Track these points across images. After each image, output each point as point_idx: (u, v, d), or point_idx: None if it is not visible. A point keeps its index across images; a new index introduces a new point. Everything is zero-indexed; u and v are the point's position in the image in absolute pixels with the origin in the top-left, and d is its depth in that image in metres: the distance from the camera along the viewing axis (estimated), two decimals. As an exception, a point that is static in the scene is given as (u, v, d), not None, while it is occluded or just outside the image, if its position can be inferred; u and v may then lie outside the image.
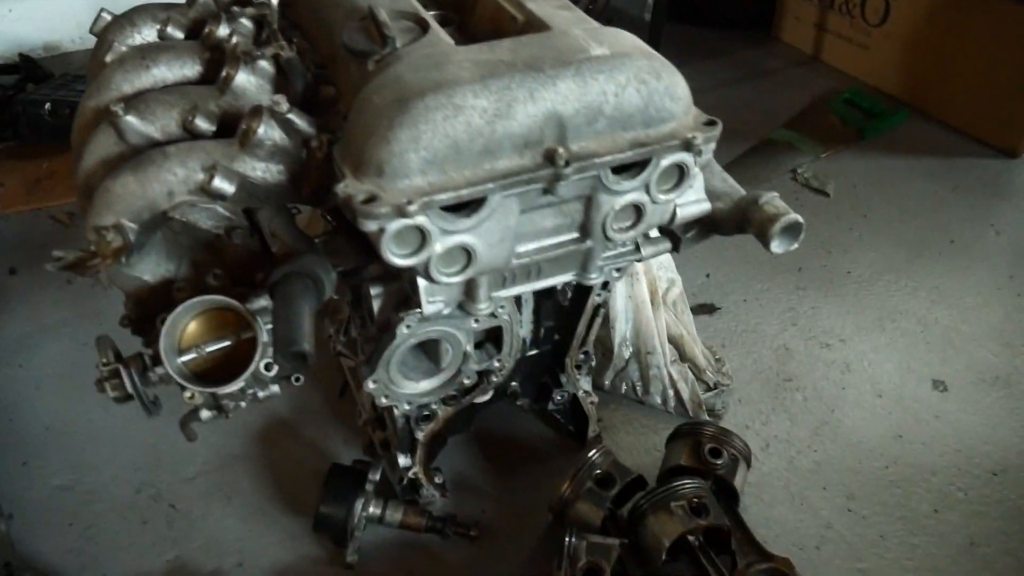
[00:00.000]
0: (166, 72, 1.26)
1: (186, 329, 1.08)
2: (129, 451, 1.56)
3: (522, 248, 1.09)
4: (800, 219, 1.11)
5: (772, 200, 1.13)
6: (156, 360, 1.05)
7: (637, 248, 1.23)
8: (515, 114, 0.95)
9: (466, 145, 0.94)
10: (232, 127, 1.16)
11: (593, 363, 1.49)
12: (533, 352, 1.43)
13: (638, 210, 1.09)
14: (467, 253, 1.02)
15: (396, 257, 0.96)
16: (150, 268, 1.15)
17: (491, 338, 1.32)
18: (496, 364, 1.33)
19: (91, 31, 1.39)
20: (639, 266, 1.68)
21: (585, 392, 1.52)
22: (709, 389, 1.68)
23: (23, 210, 2.18)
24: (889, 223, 2.20)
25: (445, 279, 1.03)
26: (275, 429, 1.61)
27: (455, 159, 0.94)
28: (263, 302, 1.10)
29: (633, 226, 1.11)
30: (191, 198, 1.05)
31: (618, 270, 1.27)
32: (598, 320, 1.40)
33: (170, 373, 1.02)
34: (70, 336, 1.80)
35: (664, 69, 1.02)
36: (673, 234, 1.24)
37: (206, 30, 1.28)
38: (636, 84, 0.99)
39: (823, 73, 2.96)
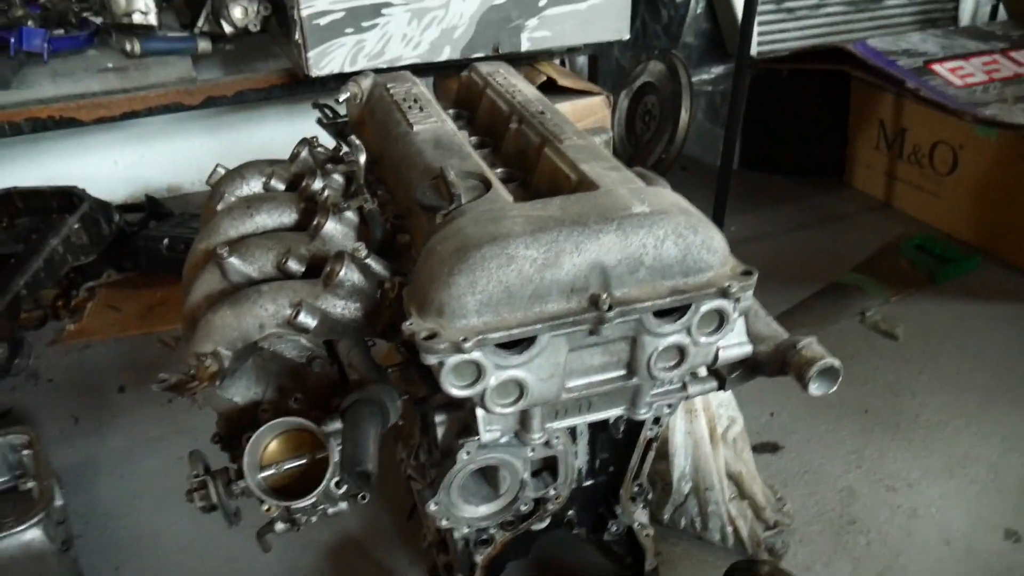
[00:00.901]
0: (266, 219, 1.45)
1: (267, 447, 1.20)
2: (213, 562, 1.67)
3: (572, 383, 1.18)
4: (836, 363, 1.17)
5: (810, 345, 1.20)
6: (239, 474, 1.17)
7: (684, 386, 1.30)
8: (562, 263, 1.06)
9: (517, 290, 1.05)
10: (320, 269, 1.32)
11: (649, 496, 1.53)
12: (589, 482, 1.49)
13: (681, 351, 1.17)
14: (519, 386, 1.12)
15: (454, 388, 1.07)
16: (240, 391, 1.29)
17: (547, 467, 1.39)
18: (552, 492, 1.40)
19: (207, 182, 1.61)
20: (698, 403, 1.74)
21: (641, 525, 1.56)
22: (769, 528, 1.69)
23: (136, 334, 2.41)
24: (960, 368, 2.20)
25: (499, 409, 1.13)
26: (346, 547, 1.70)
27: (507, 302, 1.05)
28: (337, 425, 1.22)
29: (677, 366, 1.18)
30: (279, 330, 1.19)
31: (669, 406, 1.35)
32: (651, 454, 1.45)
33: (251, 487, 1.14)
34: (167, 450, 1.96)
35: (700, 224, 1.12)
36: (719, 373, 1.31)
37: (303, 183, 1.48)
38: (674, 238, 1.10)
39: (894, 218, 3.02)
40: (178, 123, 3.09)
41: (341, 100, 1.63)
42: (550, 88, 2.46)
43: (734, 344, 1.25)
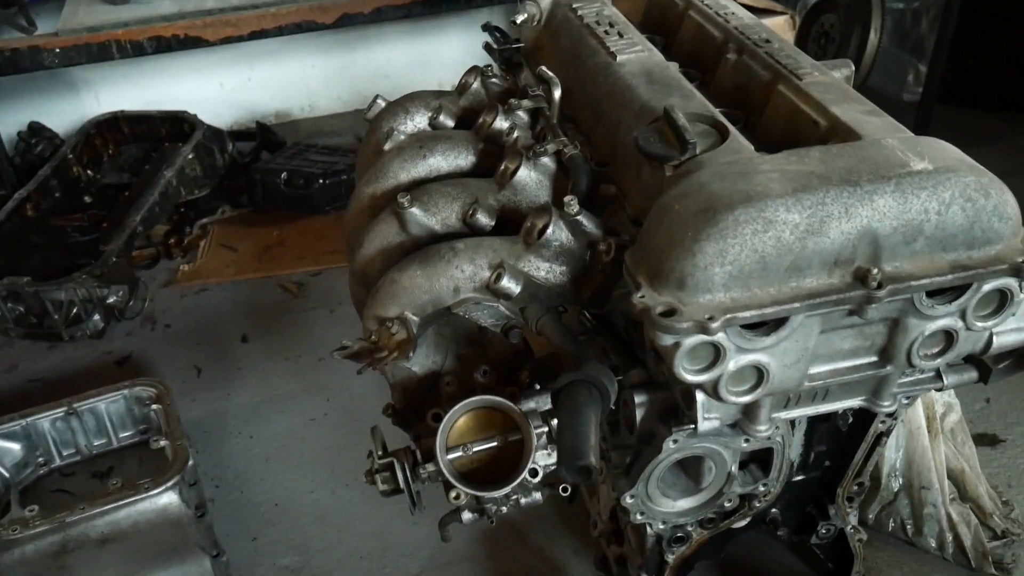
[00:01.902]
0: (441, 162, 1.41)
1: (454, 425, 1.18)
2: (356, 538, 1.69)
3: (815, 370, 1.11)
4: None
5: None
6: (426, 456, 1.15)
7: (939, 376, 1.21)
8: (828, 231, 0.98)
9: (774, 261, 0.98)
10: (510, 222, 1.27)
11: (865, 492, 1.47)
12: (800, 477, 1.42)
13: (949, 336, 1.08)
14: (759, 372, 1.05)
15: (687, 373, 1.01)
16: (419, 360, 1.26)
17: (757, 459, 1.33)
18: (761, 488, 1.34)
19: (366, 117, 1.57)
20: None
21: (854, 528, 1.49)
22: (996, 537, 1.60)
23: (254, 277, 2.43)
24: None
25: (733, 398, 1.07)
26: (502, 531, 1.68)
27: (761, 275, 0.98)
28: (532, 404, 1.18)
29: (941, 353, 1.10)
30: (476, 295, 1.15)
31: (909, 397, 1.26)
32: (879, 449, 1.38)
33: (443, 471, 1.11)
34: (297, 410, 1.98)
35: (993, 186, 1.02)
36: (983, 363, 1.22)
37: (480, 120, 1.42)
38: (962, 202, 1.00)
39: (1123, 167, 2.79)
40: (286, 43, 3.07)
41: (520, 21, 1.56)
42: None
43: (1011, 329, 1.15)
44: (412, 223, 1.26)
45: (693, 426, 1.17)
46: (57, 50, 1.98)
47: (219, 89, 3.14)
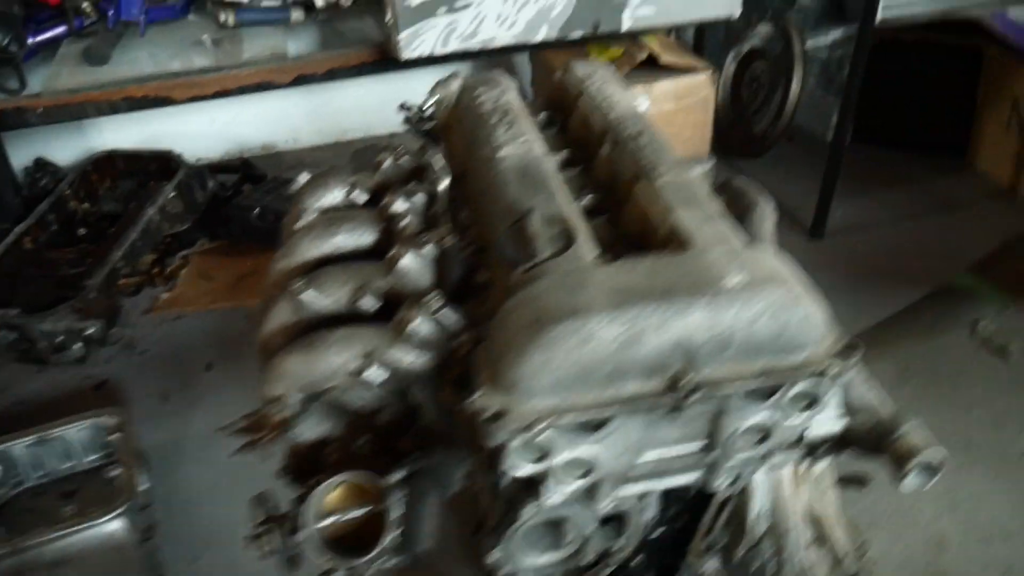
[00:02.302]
0: (346, 240, 1.39)
1: (332, 494, 1.18)
2: (283, 562, 1.69)
3: (644, 457, 1.11)
4: (941, 456, 1.06)
5: (912, 432, 1.08)
6: (299, 525, 1.15)
7: (766, 456, 1.20)
8: (644, 342, 0.97)
9: (594, 370, 0.97)
10: (394, 305, 1.27)
11: (720, 544, 1.46)
12: (659, 531, 1.42)
13: (766, 430, 1.08)
14: (588, 464, 1.05)
15: (517, 469, 1.01)
16: (309, 428, 1.26)
17: (615, 518, 1.33)
18: (617, 546, 1.34)
19: (290, 192, 1.56)
20: (785, 436, 1.64)
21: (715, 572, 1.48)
22: (851, 576, 1.59)
23: (225, 306, 2.44)
24: (1085, 398, 2.01)
25: (564, 486, 1.07)
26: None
27: (583, 382, 0.98)
28: (400, 475, 1.18)
29: (760, 443, 1.10)
30: (348, 380, 1.15)
31: (741, 475, 1.26)
32: (725, 514, 1.37)
33: (306, 544, 1.11)
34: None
35: (801, 299, 1.01)
36: (809, 444, 1.21)
37: (385, 199, 1.42)
38: (770, 314, 0.99)
39: (1020, 209, 2.75)
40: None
41: (427, 108, 1.54)
42: (652, 65, 2.31)
43: (825, 420, 1.14)
44: (305, 306, 1.26)
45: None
46: (40, 110, 1.98)
47: (211, 124, 3.14)
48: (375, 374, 1.12)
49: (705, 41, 2.46)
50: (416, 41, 1.97)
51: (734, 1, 2.11)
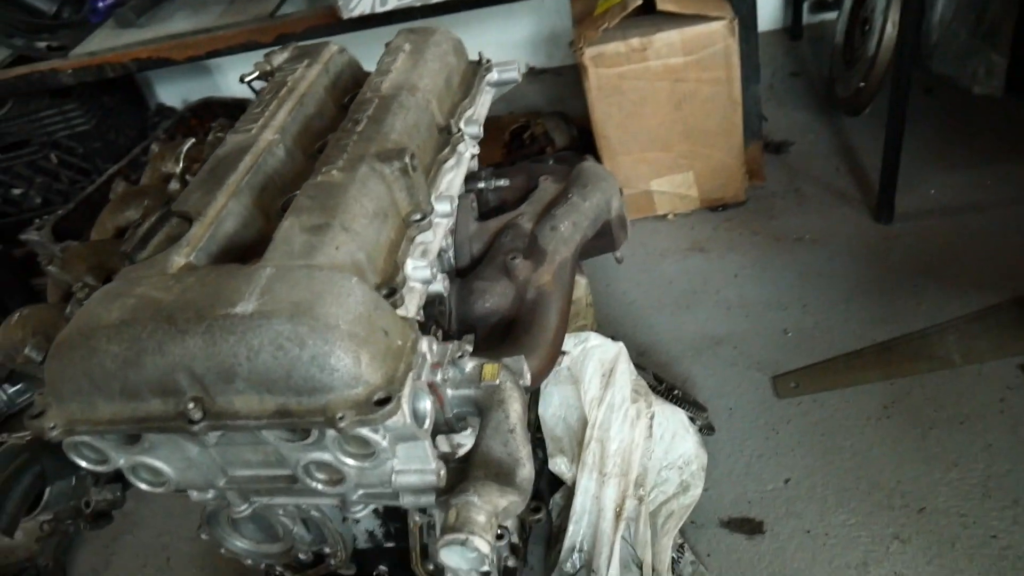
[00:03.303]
0: (135, 214, 1.48)
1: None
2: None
3: (236, 473, 1.08)
4: (475, 548, 0.89)
5: (466, 505, 0.92)
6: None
7: (396, 495, 1.09)
8: (144, 363, 0.94)
9: (106, 385, 0.96)
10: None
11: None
12: (391, 545, 1.35)
13: (335, 469, 0.99)
14: (158, 471, 1.05)
15: (83, 462, 1.04)
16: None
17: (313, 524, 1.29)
18: (327, 550, 1.30)
19: (146, 159, 1.66)
20: (614, 463, 1.45)
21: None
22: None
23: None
24: None
25: (147, 488, 1.07)
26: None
27: (99, 394, 0.97)
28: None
29: (340, 483, 1.01)
30: (24, 355, 1.24)
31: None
32: (430, 536, 1.26)
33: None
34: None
35: (312, 337, 0.90)
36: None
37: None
38: (272, 350, 0.91)
39: None
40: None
41: (245, 81, 1.54)
42: (650, 11, 2.02)
43: (413, 470, 1.00)
44: (55, 280, 1.37)
45: (193, 494, 1.19)
46: (69, 71, 2.27)
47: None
48: (32, 352, 1.21)
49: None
50: (354, 2, 1.94)
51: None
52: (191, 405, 0.93)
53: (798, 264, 2.07)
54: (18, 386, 1.63)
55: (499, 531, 1.37)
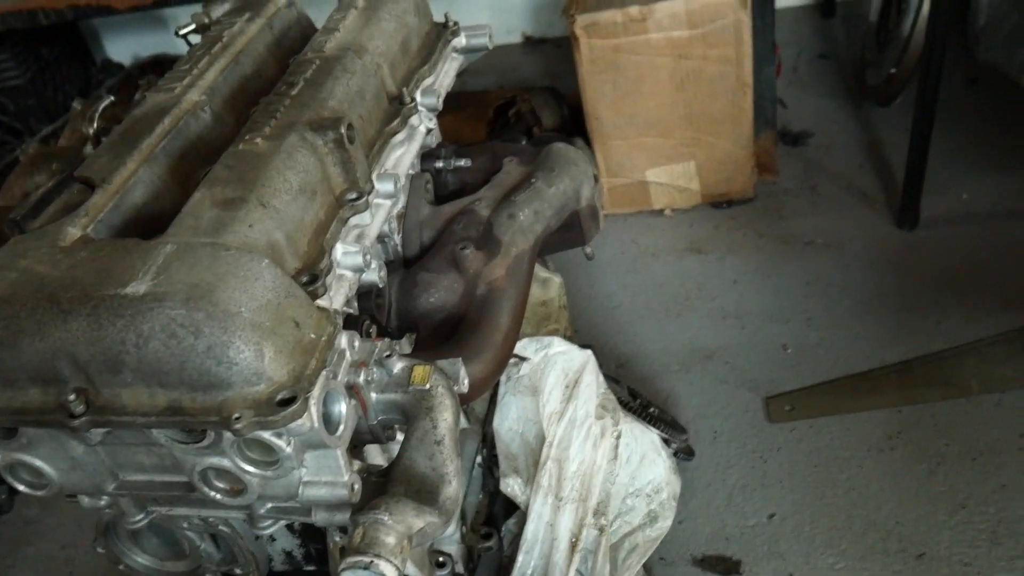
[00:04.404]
0: (45, 179, 1.48)
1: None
2: None
3: (127, 477, 1.08)
4: (382, 574, 0.89)
5: (373, 524, 0.92)
6: None
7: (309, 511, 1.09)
8: (21, 347, 0.94)
9: (-24, 369, 0.96)
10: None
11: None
12: (311, 568, 1.35)
13: (235, 477, 0.99)
14: (38, 472, 1.05)
15: (-43, 463, 1.04)
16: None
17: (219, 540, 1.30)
18: (238, 571, 1.31)
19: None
20: (571, 486, 1.45)
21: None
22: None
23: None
24: None
25: (27, 490, 1.08)
26: None
27: (-27, 381, 0.97)
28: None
29: (241, 493, 1.01)
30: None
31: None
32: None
33: None
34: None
35: (209, 323, 0.90)
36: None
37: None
38: (164, 338, 0.90)
39: None
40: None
41: (181, 34, 1.54)
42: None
43: (324, 482, 1.00)
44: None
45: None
46: (-3, 14, 2.28)
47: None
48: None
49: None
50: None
51: None
52: (72, 396, 0.92)
53: (806, 271, 2.08)
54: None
55: (440, 559, 1.41)
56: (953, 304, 1.93)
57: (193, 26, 1.53)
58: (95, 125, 1.44)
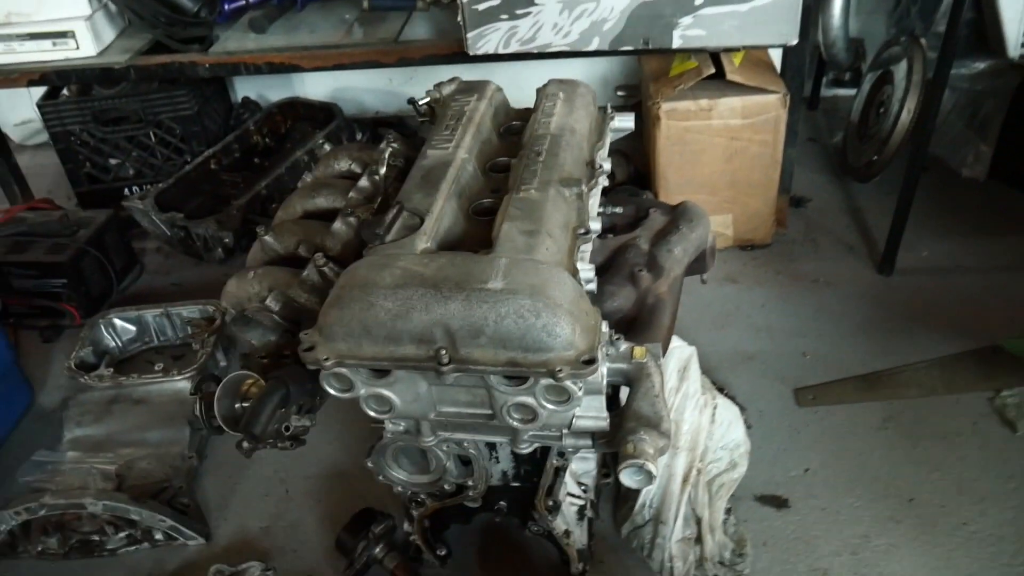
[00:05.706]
0: (323, 202, 1.79)
1: (251, 386, 1.58)
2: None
3: (443, 409, 1.38)
4: (647, 469, 1.24)
5: (639, 441, 1.27)
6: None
7: (561, 435, 1.43)
8: (412, 318, 1.25)
9: (374, 330, 1.27)
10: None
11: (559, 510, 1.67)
12: (516, 484, 1.67)
13: (532, 410, 1.31)
14: (388, 402, 1.36)
15: (332, 390, 1.35)
16: (257, 335, 1.68)
17: (467, 461, 1.61)
18: (470, 483, 1.62)
19: (317, 159, 1.97)
20: (683, 440, 1.80)
21: (566, 532, 1.71)
22: (708, 577, 1.73)
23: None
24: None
25: (375, 415, 1.39)
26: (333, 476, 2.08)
27: (366, 338, 1.28)
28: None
29: (531, 421, 1.33)
30: (258, 305, 1.55)
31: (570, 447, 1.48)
32: (560, 479, 1.59)
33: (216, 417, 1.53)
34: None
35: (545, 310, 1.22)
36: (595, 433, 1.42)
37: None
38: (514, 317, 1.23)
39: None
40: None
41: (419, 105, 1.87)
42: (720, 78, 2.40)
43: (589, 416, 1.35)
44: (266, 247, 1.67)
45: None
46: (207, 65, 2.56)
47: (388, 83, 3.66)
48: (272, 302, 1.51)
49: (787, 63, 2.47)
50: (481, 41, 2.27)
51: (790, 30, 2.14)
52: (443, 351, 1.25)
53: (814, 301, 2.46)
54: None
55: (582, 487, 1.72)
56: (922, 330, 2.32)
57: (428, 99, 1.87)
58: (384, 166, 1.73)
